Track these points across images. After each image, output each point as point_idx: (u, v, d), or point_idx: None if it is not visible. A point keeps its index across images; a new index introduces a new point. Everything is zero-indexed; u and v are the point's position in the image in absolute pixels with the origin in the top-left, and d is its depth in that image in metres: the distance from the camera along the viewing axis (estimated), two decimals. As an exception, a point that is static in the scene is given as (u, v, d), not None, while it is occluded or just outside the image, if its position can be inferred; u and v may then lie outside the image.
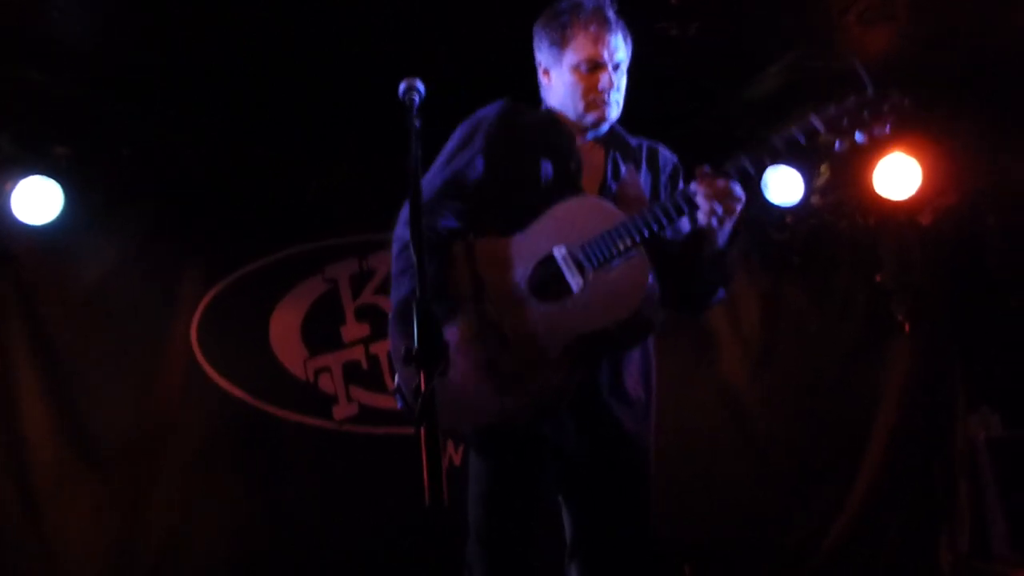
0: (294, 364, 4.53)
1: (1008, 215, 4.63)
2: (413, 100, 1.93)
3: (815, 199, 4.60)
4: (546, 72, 2.39)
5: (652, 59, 3.65)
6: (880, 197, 4.48)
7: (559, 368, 2.09)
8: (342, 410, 4.54)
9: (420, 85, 1.94)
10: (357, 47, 3.66)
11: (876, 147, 4.23)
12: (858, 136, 2.08)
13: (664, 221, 2.11)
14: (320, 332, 4.57)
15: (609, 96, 2.28)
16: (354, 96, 3.99)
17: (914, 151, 4.37)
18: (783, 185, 4.46)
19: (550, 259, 2.16)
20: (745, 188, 2.11)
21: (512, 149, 2.30)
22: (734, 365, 4.82)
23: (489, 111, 2.37)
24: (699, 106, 4.30)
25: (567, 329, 2.10)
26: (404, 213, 2.25)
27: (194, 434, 4.35)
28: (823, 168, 4.52)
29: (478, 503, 2.22)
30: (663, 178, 2.42)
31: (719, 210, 2.07)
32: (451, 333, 2.16)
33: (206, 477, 4.31)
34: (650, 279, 2.10)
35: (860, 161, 4.45)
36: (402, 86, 1.95)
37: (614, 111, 2.32)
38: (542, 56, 2.39)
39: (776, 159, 2.11)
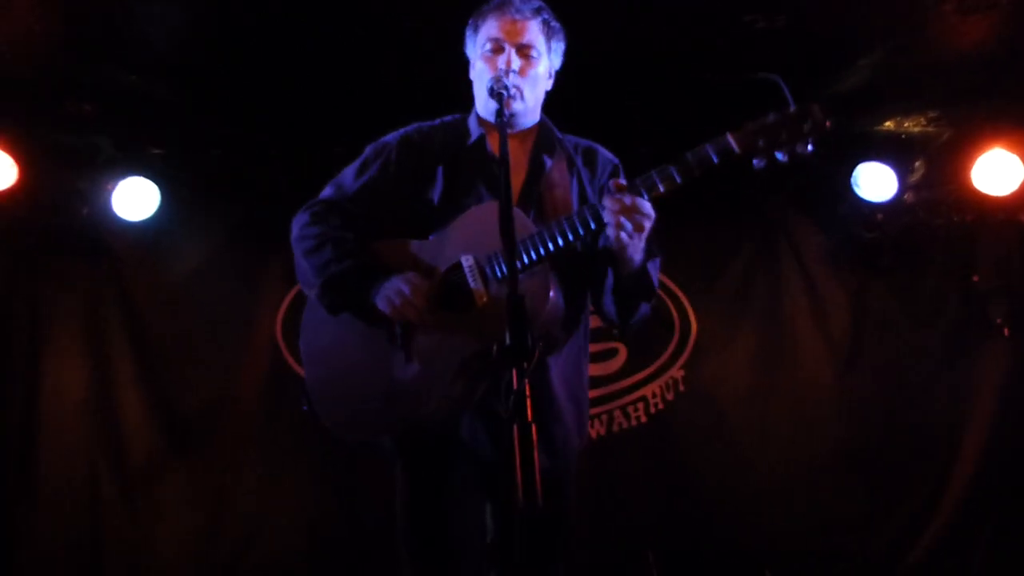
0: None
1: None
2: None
3: (909, 196, 4.41)
4: (473, 67, 2.34)
5: (738, 52, 3.59)
6: (979, 193, 4.27)
7: (458, 379, 2.04)
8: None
9: None
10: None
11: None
12: (778, 155, 1.97)
13: (570, 236, 2.02)
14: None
15: (509, 80, 2.16)
16: (437, 104, 4.01)
17: (1015, 146, 4.15)
18: (875, 181, 4.28)
19: (458, 268, 2.10)
20: (656, 206, 2.01)
21: (414, 162, 2.29)
22: (818, 367, 4.66)
23: (394, 134, 2.37)
24: (785, 100, 4.16)
25: (467, 340, 2.03)
26: (295, 228, 2.32)
27: (278, 425, 4.46)
28: (918, 163, 4.33)
29: (400, 511, 2.23)
30: (602, 180, 2.32)
31: (628, 226, 1.97)
32: (356, 336, 2.16)
33: (288, 467, 4.42)
34: (552, 294, 2.00)
35: (958, 156, 4.25)
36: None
37: (517, 102, 2.21)
38: (468, 52, 2.35)
39: (689, 177, 1.98)
